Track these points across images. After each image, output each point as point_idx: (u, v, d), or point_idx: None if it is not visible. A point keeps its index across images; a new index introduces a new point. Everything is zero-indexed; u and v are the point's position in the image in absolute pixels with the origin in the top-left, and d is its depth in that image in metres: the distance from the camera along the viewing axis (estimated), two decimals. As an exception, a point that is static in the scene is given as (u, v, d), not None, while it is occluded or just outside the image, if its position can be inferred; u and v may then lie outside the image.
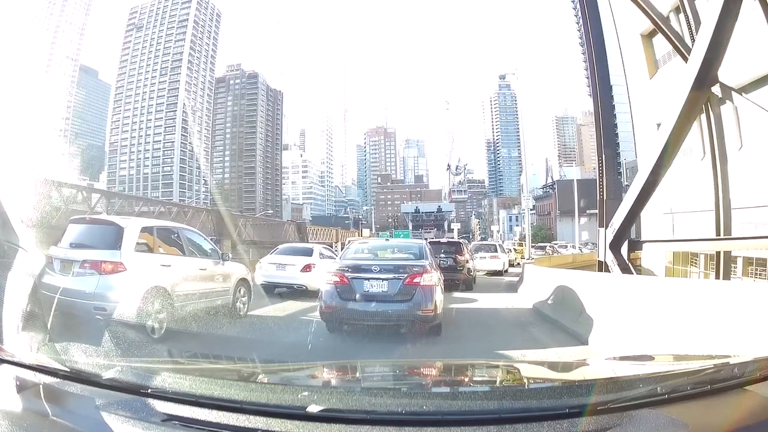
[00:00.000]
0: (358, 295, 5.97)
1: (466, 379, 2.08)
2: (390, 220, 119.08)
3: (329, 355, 5.47)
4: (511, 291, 13.76)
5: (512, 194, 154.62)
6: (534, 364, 2.73)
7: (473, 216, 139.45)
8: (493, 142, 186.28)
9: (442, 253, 13.83)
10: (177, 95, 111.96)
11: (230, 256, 8.12)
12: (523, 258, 29.96)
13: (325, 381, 2.00)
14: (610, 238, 10.16)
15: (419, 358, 5.11)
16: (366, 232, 32.59)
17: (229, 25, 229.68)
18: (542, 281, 10.51)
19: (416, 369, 2.36)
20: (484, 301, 11.63)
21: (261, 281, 11.32)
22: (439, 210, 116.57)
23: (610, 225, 10.34)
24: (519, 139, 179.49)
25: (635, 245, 10.80)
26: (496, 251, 22.00)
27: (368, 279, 6.00)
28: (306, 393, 1.38)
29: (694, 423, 1.20)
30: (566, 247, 47.25)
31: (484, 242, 28.58)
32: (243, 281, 8.11)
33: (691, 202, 12.44)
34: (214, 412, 1.28)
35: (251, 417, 1.26)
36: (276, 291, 11.30)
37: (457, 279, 13.55)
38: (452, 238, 30.96)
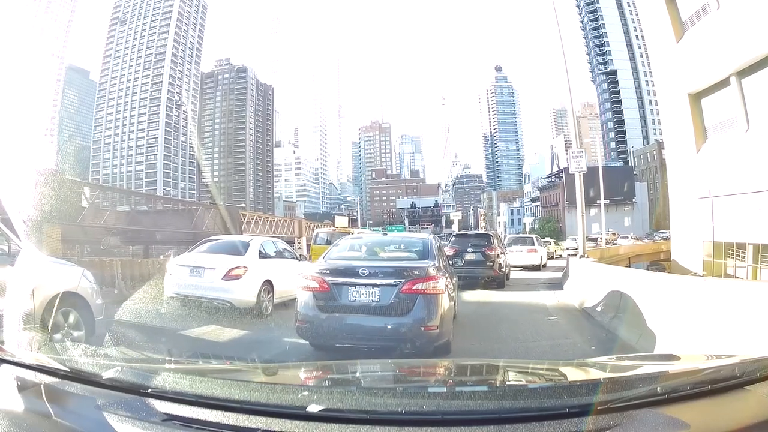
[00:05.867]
0: (341, 306, 4.79)
1: (466, 379, 2.06)
2: (385, 216, 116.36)
3: None
4: (556, 290, 11.83)
5: (511, 188, 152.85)
6: (534, 364, 2.63)
7: (472, 210, 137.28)
8: (491, 136, 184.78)
9: (470, 246, 13.08)
10: (160, 89, 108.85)
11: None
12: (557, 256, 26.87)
13: (325, 381, 1.98)
14: None
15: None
16: (340, 220, 25.95)
17: (216, 17, 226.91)
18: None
19: (416, 369, 2.37)
20: (516, 306, 9.59)
21: (171, 293, 7.86)
22: (436, 205, 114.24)
23: None
24: (517, 131, 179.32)
25: None
26: (533, 244, 20.56)
27: (354, 285, 4.79)
28: (306, 393, 1.37)
29: (694, 423, 1.20)
30: (627, 237, 44.84)
31: (521, 235, 26.61)
32: (68, 300, 4.43)
33: (736, 183, 10.75)
34: (214, 412, 1.28)
35: (251, 417, 1.26)
36: (203, 307, 7.60)
37: (486, 276, 12.59)
38: (451, 230, 29.77)
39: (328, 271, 4.97)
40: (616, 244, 35.32)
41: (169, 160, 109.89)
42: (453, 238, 14.49)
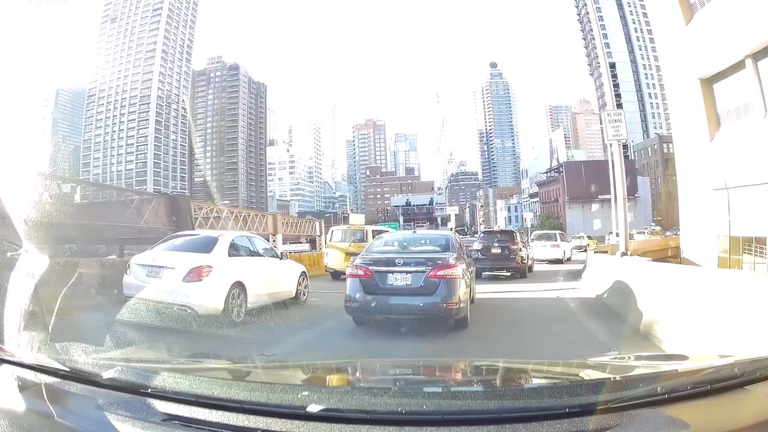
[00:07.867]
0: (381, 289, 5.94)
1: (466, 379, 2.07)
2: (379, 214, 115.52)
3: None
4: (573, 281, 12.84)
5: (507, 184, 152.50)
6: (534, 364, 2.56)
7: (468, 207, 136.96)
8: (486, 133, 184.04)
9: (496, 242, 14.54)
10: (150, 87, 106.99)
11: None
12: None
13: (325, 381, 1.99)
14: None
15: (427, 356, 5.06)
16: (355, 218, 25.25)
17: (208, 15, 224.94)
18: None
19: (416, 369, 2.38)
20: (532, 291, 11.07)
21: (128, 295, 6.70)
22: (431, 202, 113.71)
23: None
24: (512, 128, 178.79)
25: None
26: (556, 240, 22.28)
27: (392, 272, 5.95)
28: (306, 393, 1.37)
29: (694, 423, 1.19)
30: (644, 233, 46.22)
31: (546, 231, 28.13)
32: None
33: (755, 173, 10.27)
34: (214, 411, 1.28)
35: (251, 417, 1.26)
36: (159, 313, 6.42)
37: (509, 267, 14.18)
38: (451, 228, 32.09)
39: (371, 262, 6.19)
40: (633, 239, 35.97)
41: (160, 158, 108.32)
42: (481, 235, 16.72)
